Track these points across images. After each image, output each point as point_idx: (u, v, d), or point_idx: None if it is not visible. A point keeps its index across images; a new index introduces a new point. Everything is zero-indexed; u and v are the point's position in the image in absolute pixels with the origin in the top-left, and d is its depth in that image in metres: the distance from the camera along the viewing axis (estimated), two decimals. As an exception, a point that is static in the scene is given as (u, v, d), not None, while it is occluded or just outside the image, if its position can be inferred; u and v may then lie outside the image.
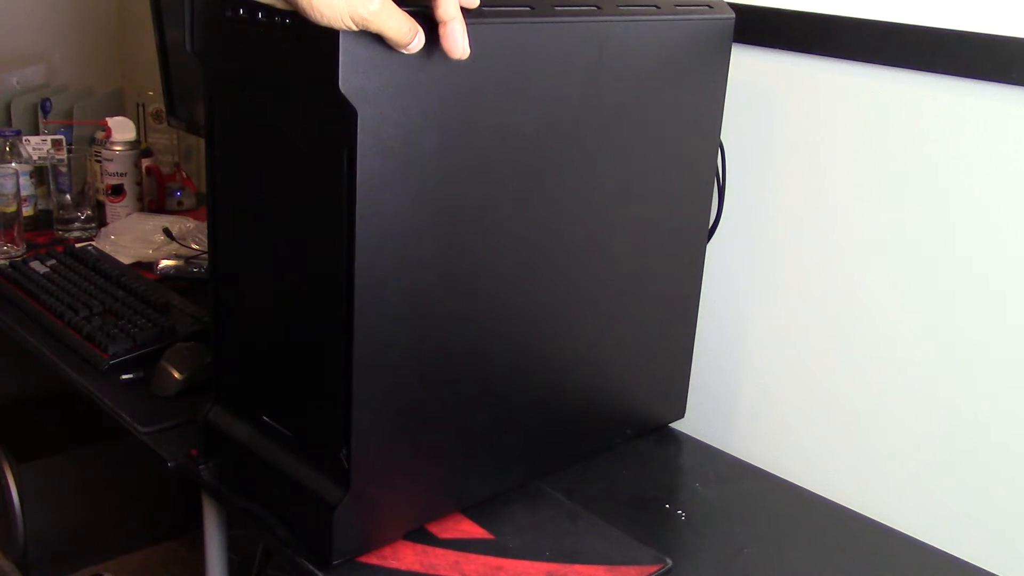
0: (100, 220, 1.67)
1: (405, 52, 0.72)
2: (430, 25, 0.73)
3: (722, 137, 1.08)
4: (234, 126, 0.87)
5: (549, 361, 0.97)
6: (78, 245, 1.52)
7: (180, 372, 1.13)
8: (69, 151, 1.70)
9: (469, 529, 0.92)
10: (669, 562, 0.90)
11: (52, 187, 1.65)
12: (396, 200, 0.78)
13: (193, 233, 1.59)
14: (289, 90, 0.80)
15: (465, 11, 0.75)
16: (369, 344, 0.79)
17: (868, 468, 1.08)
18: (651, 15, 0.93)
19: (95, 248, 1.51)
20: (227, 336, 0.93)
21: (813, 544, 0.97)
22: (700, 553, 0.93)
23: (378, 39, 0.72)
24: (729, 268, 1.18)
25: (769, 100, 1.11)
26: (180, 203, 1.78)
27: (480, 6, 0.79)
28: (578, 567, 0.88)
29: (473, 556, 0.89)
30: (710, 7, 1.00)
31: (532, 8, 0.83)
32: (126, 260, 1.49)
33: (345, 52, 0.71)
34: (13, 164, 1.56)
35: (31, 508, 1.73)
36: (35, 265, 1.43)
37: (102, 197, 1.69)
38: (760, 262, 1.15)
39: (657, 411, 1.13)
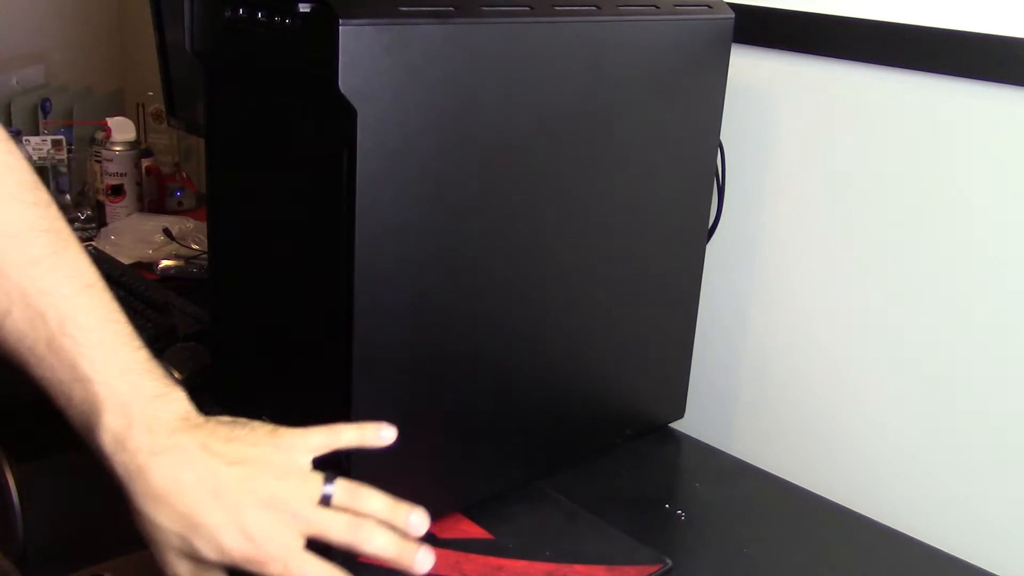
0: (100, 220, 1.67)
1: None
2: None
3: (722, 137, 1.08)
4: (234, 126, 0.87)
5: (549, 361, 0.97)
6: (78, 245, 1.51)
7: (180, 372, 1.13)
8: (69, 151, 1.70)
9: (469, 529, 0.92)
10: (669, 562, 0.90)
11: (52, 187, 1.65)
12: (396, 200, 0.78)
13: (193, 233, 1.59)
14: (289, 90, 0.80)
15: (462, 28, 0.75)
16: (368, 344, 0.79)
17: (868, 468, 1.08)
18: (650, 15, 0.93)
19: (95, 248, 1.50)
20: (227, 336, 0.93)
21: (813, 544, 0.97)
22: (700, 553, 0.93)
23: (378, 39, 0.72)
24: (729, 268, 1.18)
25: (769, 100, 1.11)
26: (180, 203, 1.78)
27: (480, 6, 0.79)
28: (578, 567, 0.88)
29: (473, 556, 0.89)
30: (710, 7, 1.00)
31: (532, 8, 0.83)
32: (126, 260, 1.49)
33: (345, 52, 0.71)
34: (13, 164, 1.56)
35: (31, 508, 1.73)
36: (35, 265, 1.42)
37: (102, 197, 1.69)
38: (760, 262, 1.15)
39: (657, 411, 1.13)
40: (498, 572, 0.87)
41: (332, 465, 0.81)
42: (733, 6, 1.03)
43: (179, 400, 0.65)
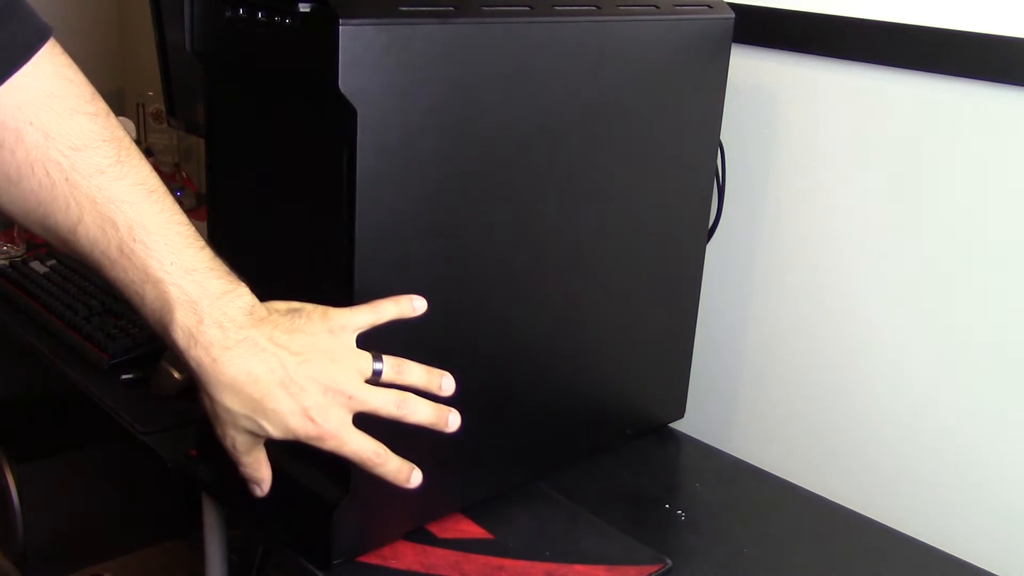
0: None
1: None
2: None
3: (722, 137, 1.08)
4: (234, 126, 0.87)
5: (549, 361, 0.97)
6: (78, 245, 1.51)
7: (180, 372, 1.13)
8: (69, 151, 1.70)
9: (469, 529, 0.92)
10: (669, 562, 0.90)
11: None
12: (396, 200, 0.78)
13: (193, 233, 1.59)
14: (289, 90, 0.80)
15: (462, 28, 0.76)
16: (368, 343, 0.79)
17: (868, 468, 1.08)
18: (651, 15, 0.93)
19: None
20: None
21: (813, 544, 0.97)
22: (700, 553, 0.93)
23: (378, 39, 0.72)
24: (729, 268, 1.18)
25: (769, 100, 1.11)
26: (180, 203, 1.77)
27: (480, 6, 0.79)
28: (578, 567, 0.88)
29: (473, 556, 0.89)
30: (710, 7, 1.00)
31: (532, 8, 0.83)
32: (126, 260, 1.49)
33: (345, 52, 0.71)
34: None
35: (31, 508, 1.73)
36: (35, 265, 1.43)
37: (102, 197, 1.69)
38: (760, 262, 1.15)
39: (657, 411, 1.13)
40: (498, 572, 0.87)
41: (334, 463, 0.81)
42: (733, 6, 1.03)
43: (243, 295, 0.71)
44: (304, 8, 0.73)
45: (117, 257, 0.68)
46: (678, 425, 1.15)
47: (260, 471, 0.77)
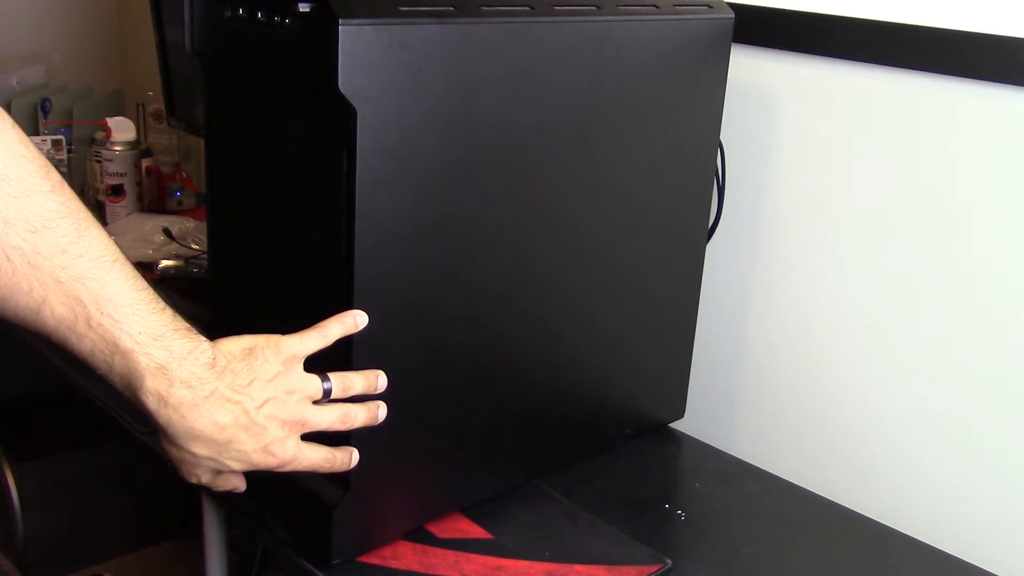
0: (100, 220, 1.67)
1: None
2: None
3: (722, 137, 1.08)
4: (234, 126, 0.87)
5: (549, 361, 0.97)
6: (78, 245, 1.51)
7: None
8: (69, 151, 1.70)
9: (469, 529, 0.92)
10: (669, 562, 0.90)
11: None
12: (395, 200, 0.78)
13: (193, 233, 1.59)
14: (289, 90, 0.80)
15: (462, 28, 0.76)
16: (368, 344, 0.79)
17: (868, 468, 1.08)
18: (650, 15, 0.93)
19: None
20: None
21: (813, 544, 0.97)
22: (700, 553, 0.93)
23: (378, 39, 0.72)
24: (729, 268, 1.18)
25: (769, 100, 1.11)
26: (180, 203, 1.78)
27: (480, 6, 0.79)
28: (578, 567, 0.88)
29: (473, 556, 0.89)
30: (709, 7, 1.00)
31: (532, 8, 0.83)
32: (126, 260, 1.49)
33: (345, 52, 0.71)
34: (13, 164, 1.56)
35: (31, 508, 1.73)
36: (35, 265, 1.42)
37: (102, 197, 1.69)
38: (760, 262, 1.15)
39: (657, 411, 1.13)
40: (498, 572, 0.87)
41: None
42: (733, 6, 1.03)
43: (205, 351, 0.72)
44: (304, 8, 0.73)
45: (85, 331, 0.68)
46: (678, 425, 1.15)
47: (231, 482, 0.79)
